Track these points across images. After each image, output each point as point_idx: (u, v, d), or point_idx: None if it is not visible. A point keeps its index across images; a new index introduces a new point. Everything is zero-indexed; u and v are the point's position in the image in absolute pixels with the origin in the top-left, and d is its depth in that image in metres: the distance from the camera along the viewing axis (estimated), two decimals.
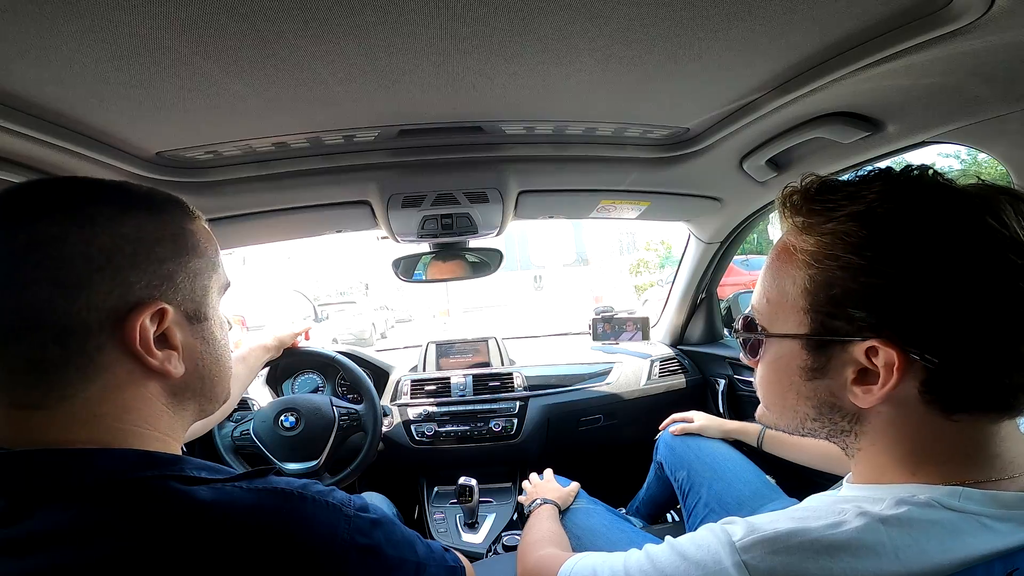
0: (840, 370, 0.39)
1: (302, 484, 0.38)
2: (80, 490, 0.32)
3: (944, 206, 0.35)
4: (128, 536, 0.31)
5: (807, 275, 0.39)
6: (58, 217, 0.34)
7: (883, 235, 0.36)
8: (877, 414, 0.39)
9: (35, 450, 0.33)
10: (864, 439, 0.41)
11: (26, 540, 0.30)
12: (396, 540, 0.41)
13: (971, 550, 0.34)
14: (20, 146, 0.66)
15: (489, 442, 1.54)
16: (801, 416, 0.44)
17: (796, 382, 0.42)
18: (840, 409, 0.41)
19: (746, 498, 0.96)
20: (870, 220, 0.36)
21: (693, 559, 0.40)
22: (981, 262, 0.34)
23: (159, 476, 0.34)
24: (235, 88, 0.61)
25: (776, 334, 0.43)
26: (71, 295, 0.33)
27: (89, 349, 0.34)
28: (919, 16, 0.53)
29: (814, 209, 0.40)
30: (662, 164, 1.01)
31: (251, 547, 0.33)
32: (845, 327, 0.38)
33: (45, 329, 0.33)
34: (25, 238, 0.33)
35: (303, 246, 17.52)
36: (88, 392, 0.35)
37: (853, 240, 0.36)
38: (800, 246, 0.40)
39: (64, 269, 0.33)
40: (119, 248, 0.35)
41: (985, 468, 0.37)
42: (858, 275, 0.36)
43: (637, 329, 1.89)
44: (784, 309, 0.42)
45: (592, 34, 0.55)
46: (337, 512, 0.37)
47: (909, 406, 0.38)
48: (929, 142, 0.80)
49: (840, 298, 0.38)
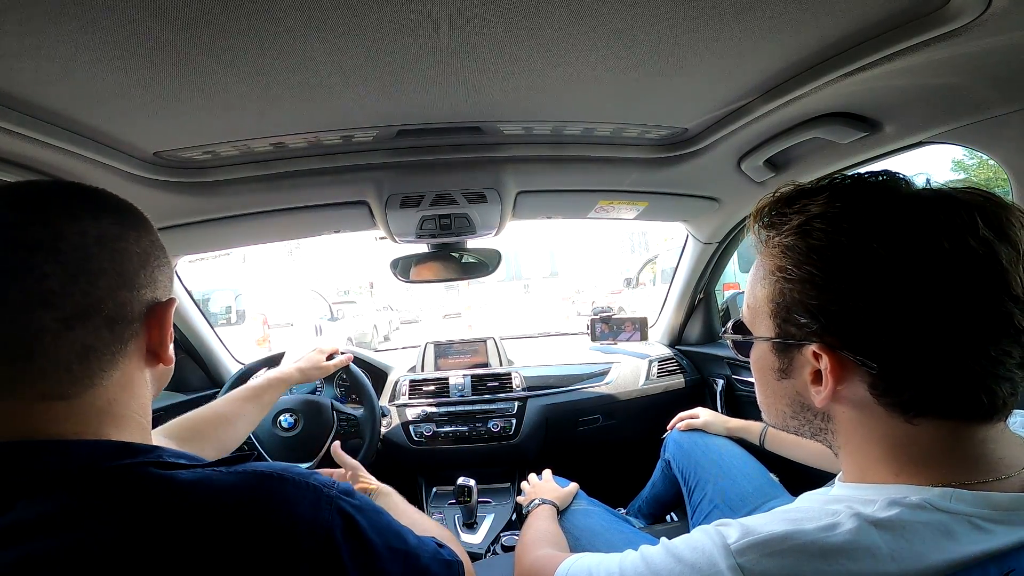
0: (800, 371, 0.42)
1: (282, 466, 0.38)
2: (60, 480, 0.32)
3: (880, 216, 0.37)
4: (110, 521, 0.31)
5: (768, 285, 0.43)
6: (116, 218, 0.39)
7: (818, 248, 0.38)
8: (841, 413, 0.42)
9: (16, 442, 0.34)
10: (840, 437, 0.43)
11: (8, 530, 0.30)
12: (381, 527, 0.41)
13: (965, 551, 0.34)
14: (18, 146, 0.66)
15: (488, 442, 1.54)
16: (781, 414, 0.47)
17: (771, 382, 0.46)
18: (809, 408, 0.44)
19: (750, 495, 0.97)
20: (808, 233, 0.39)
21: (688, 561, 0.40)
22: (913, 269, 0.35)
23: (138, 463, 0.35)
24: (233, 88, 0.61)
25: (750, 337, 0.48)
26: (128, 286, 0.38)
27: (127, 336, 0.38)
28: (916, 16, 0.53)
29: (772, 223, 0.43)
30: (660, 164, 1.01)
31: (232, 527, 0.33)
32: (797, 332, 0.41)
33: (102, 315, 0.36)
34: (96, 233, 0.37)
35: (305, 242, 17.29)
36: (111, 378, 0.38)
37: (794, 254, 0.40)
38: (763, 260, 0.44)
39: (126, 263, 0.38)
40: (150, 251, 0.41)
41: (968, 470, 0.37)
42: (800, 285, 0.39)
43: (635, 329, 1.89)
44: (758, 314, 0.46)
45: (590, 35, 0.55)
46: (318, 492, 0.37)
47: (867, 408, 0.39)
48: (926, 142, 0.80)
49: (789, 306, 0.41)
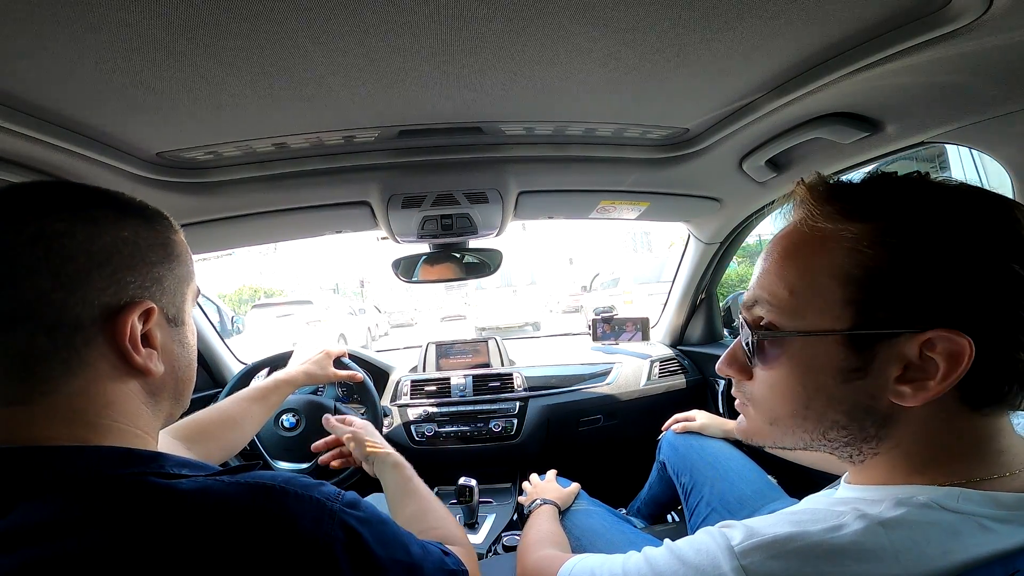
0: (884, 368, 0.36)
1: (286, 478, 0.37)
2: (60, 486, 0.32)
3: (974, 205, 0.35)
4: (108, 529, 0.31)
5: (852, 261, 0.36)
6: (65, 215, 0.36)
7: (947, 221, 0.34)
8: (912, 414, 0.36)
9: (16, 447, 0.33)
10: (887, 443, 0.38)
11: (8, 535, 0.30)
12: (386, 539, 0.40)
13: (971, 552, 0.34)
14: (21, 147, 0.66)
15: (489, 442, 1.54)
16: (826, 426, 0.39)
17: (828, 385, 0.38)
18: (873, 413, 0.37)
19: (748, 497, 0.96)
20: (931, 206, 0.34)
21: (691, 563, 0.40)
22: (1014, 259, 0.33)
23: (138, 473, 0.34)
24: (235, 89, 0.61)
25: (807, 331, 0.38)
26: (70, 289, 0.35)
27: (77, 343, 0.35)
28: (918, 16, 0.53)
29: (858, 196, 0.37)
30: (662, 164, 1.01)
31: (230, 539, 0.33)
32: (897, 318, 0.35)
33: (37, 321, 0.34)
34: (32, 232, 0.34)
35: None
36: (71, 387, 0.36)
37: (914, 225, 0.34)
38: (841, 232, 0.36)
39: (67, 264, 0.35)
40: (118, 249, 0.38)
41: (991, 464, 0.37)
42: (917, 261, 0.34)
43: (637, 329, 1.89)
44: (812, 302, 0.37)
45: (592, 35, 0.55)
46: (320, 507, 0.37)
47: (945, 401, 0.35)
48: (928, 142, 0.80)
49: (894, 286, 0.34)
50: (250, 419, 0.86)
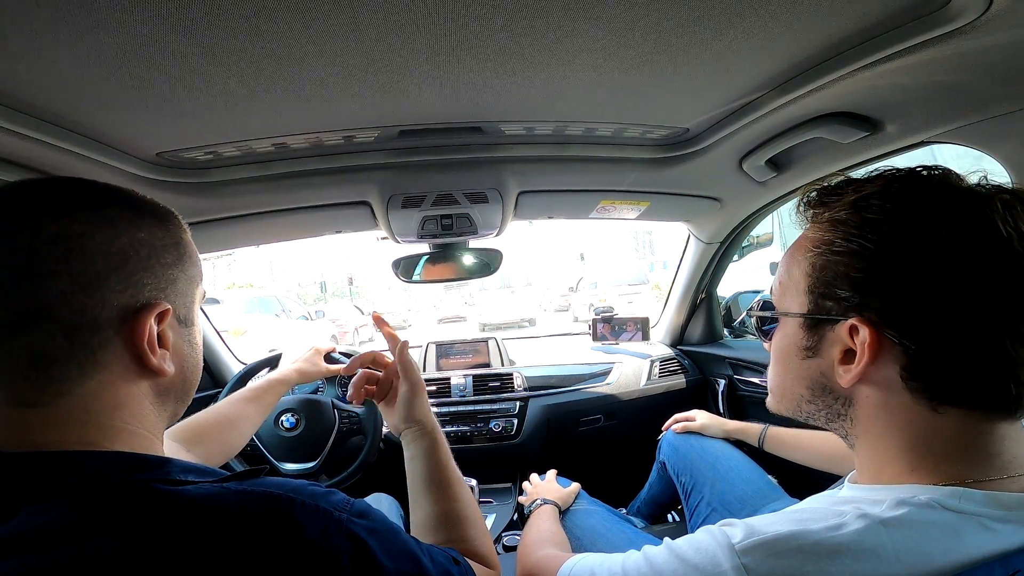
0: (829, 349, 0.42)
1: (294, 487, 0.37)
2: (66, 491, 0.32)
3: (937, 201, 0.37)
4: (111, 535, 0.31)
5: (808, 260, 0.43)
6: (84, 215, 0.35)
7: (873, 222, 0.38)
8: (865, 397, 0.41)
9: (26, 453, 0.33)
10: (859, 424, 0.43)
11: (10, 540, 0.30)
12: (395, 550, 0.40)
13: (972, 552, 0.34)
14: (20, 147, 0.66)
15: (489, 442, 1.54)
16: (797, 398, 0.46)
17: (794, 362, 0.45)
18: (832, 391, 0.43)
19: (748, 497, 0.96)
20: (864, 208, 0.39)
21: (691, 562, 0.40)
22: (965, 255, 0.35)
23: (145, 480, 0.34)
24: (235, 89, 0.61)
25: (781, 312, 0.47)
26: (88, 290, 0.34)
27: (93, 345, 0.35)
28: (918, 16, 0.53)
29: (824, 202, 0.43)
30: (662, 164, 1.01)
31: (234, 549, 0.32)
32: (834, 307, 0.41)
33: (55, 322, 0.34)
34: (51, 232, 0.34)
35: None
36: (85, 389, 0.35)
37: (845, 227, 0.40)
38: (808, 235, 0.44)
39: (86, 265, 0.35)
40: (136, 250, 0.37)
41: (984, 467, 0.37)
42: (847, 258, 0.39)
43: (637, 329, 1.89)
44: (790, 291, 0.45)
45: (592, 35, 0.55)
46: (328, 517, 0.36)
47: (893, 391, 0.39)
48: (928, 142, 0.80)
49: (831, 280, 0.41)
50: (247, 419, 0.86)
